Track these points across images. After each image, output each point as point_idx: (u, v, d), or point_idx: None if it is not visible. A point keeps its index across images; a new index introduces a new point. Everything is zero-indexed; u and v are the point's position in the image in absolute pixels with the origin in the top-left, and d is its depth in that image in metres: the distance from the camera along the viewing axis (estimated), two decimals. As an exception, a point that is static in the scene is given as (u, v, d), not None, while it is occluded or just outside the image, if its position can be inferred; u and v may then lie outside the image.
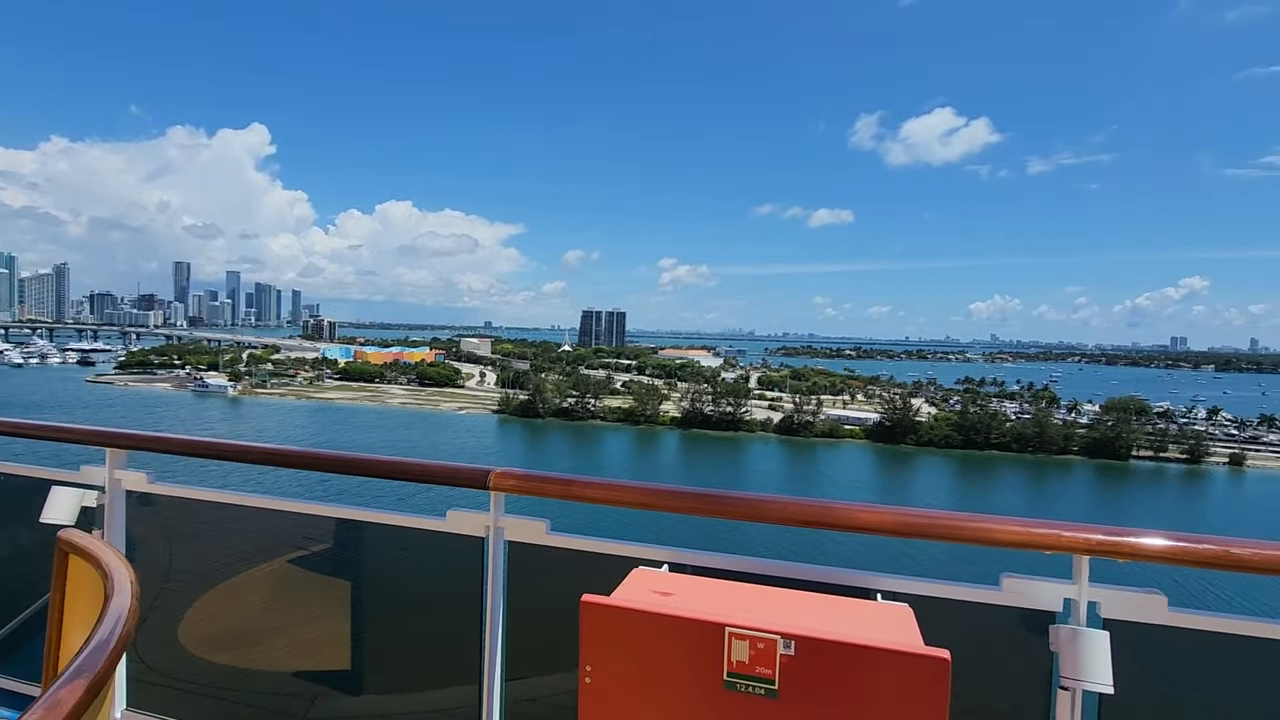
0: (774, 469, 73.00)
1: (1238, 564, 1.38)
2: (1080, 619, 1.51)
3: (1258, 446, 78.12)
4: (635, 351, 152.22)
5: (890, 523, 1.61)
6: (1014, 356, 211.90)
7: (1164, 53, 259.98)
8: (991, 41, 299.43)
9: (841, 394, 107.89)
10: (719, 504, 1.82)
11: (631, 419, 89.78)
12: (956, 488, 66.98)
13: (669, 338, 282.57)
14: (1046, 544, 1.51)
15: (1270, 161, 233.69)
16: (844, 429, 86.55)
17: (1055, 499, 63.56)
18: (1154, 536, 1.46)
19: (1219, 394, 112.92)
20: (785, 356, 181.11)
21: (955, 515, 1.58)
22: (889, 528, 1.61)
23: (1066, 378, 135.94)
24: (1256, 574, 1.39)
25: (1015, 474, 71.61)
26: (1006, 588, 1.58)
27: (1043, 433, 79.29)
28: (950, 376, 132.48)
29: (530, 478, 1.97)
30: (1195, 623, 1.47)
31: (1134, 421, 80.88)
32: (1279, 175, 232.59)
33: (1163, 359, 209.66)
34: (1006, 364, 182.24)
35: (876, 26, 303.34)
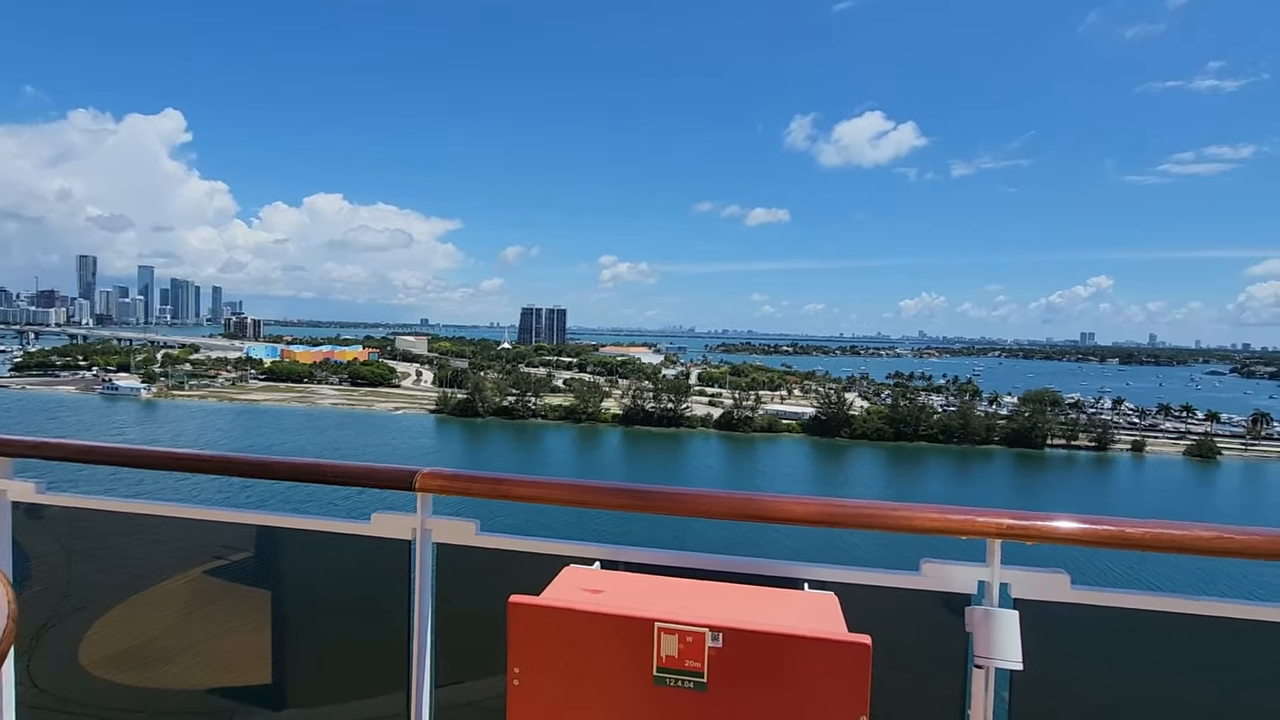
0: (715, 464, 74.11)
1: (1132, 543, 1.51)
2: (993, 600, 1.57)
3: (1155, 434, 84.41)
4: (576, 349, 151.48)
5: (817, 513, 1.65)
6: (940, 352, 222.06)
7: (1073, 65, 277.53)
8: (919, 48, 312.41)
9: (779, 389, 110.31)
10: (650, 499, 1.82)
11: (573, 417, 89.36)
12: (888, 478, 69.67)
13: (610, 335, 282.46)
14: (962, 529, 1.58)
15: (1166, 170, 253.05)
16: (782, 424, 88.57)
17: (978, 487, 66.95)
18: (1058, 519, 1.55)
19: (1123, 385, 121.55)
20: (725, 353, 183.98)
21: (878, 504, 1.64)
22: (816, 518, 1.65)
23: (988, 371, 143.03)
24: (1150, 551, 1.52)
25: (942, 464, 74.95)
26: (926, 572, 1.64)
27: (967, 424, 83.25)
28: (882, 371, 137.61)
29: (458, 477, 1.93)
30: (1095, 599, 1.57)
31: (1048, 412, 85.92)
32: (1174, 182, 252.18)
33: (1074, 353, 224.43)
34: (933, 359, 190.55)
35: (811, 30, 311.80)
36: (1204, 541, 1.47)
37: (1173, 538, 1.50)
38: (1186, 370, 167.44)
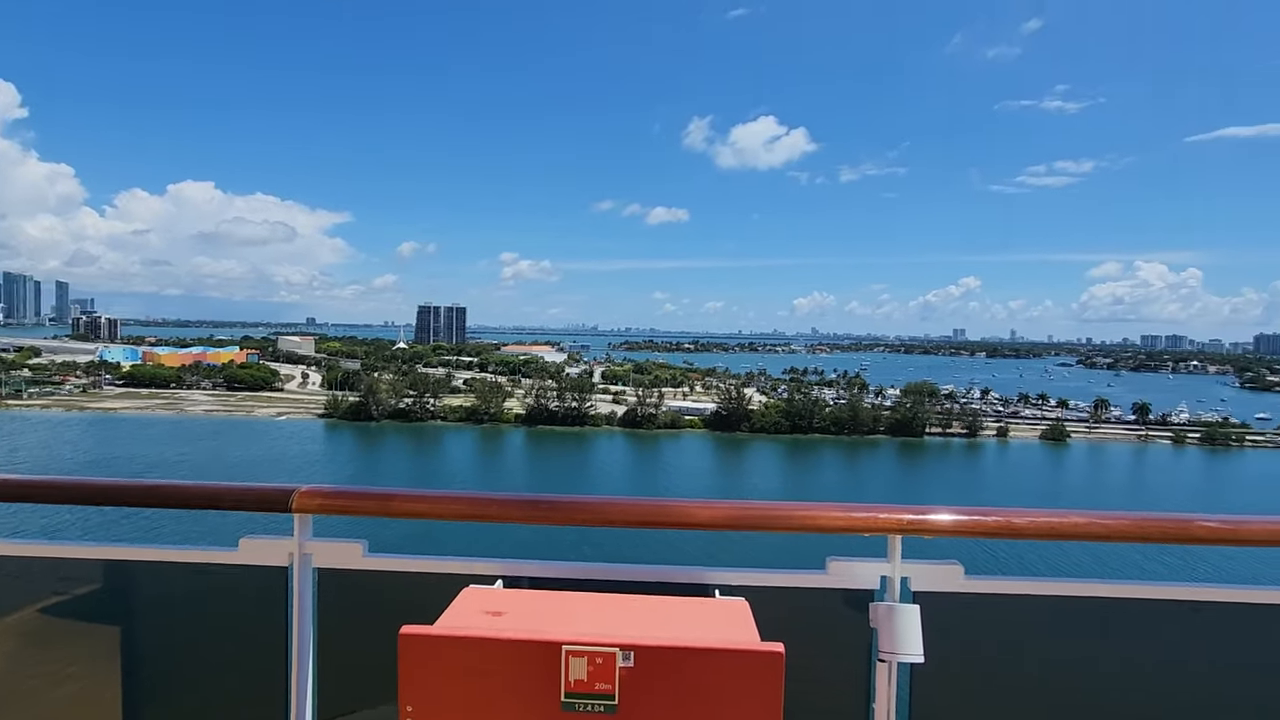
0: (620, 461, 74.36)
1: (1017, 532, 1.59)
2: (894, 594, 1.62)
3: (1017, 420, 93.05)
4: (477, 348, 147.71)
5: (725, 517, 1.65)
6: (831, 348, 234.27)
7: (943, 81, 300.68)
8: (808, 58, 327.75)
9: (682, 386, 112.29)
10: (555, 509, 1.72)
11: (475, 418, 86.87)
12: (786, 470, 72.61)
13: (512, 333, 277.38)
14: (866, 527, 1.61)
15: (1022, 181, 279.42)
16: (685, 420, 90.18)
17: (867, 475, 71.18)
18: (952, 513, 1.61)
19: (989, 377, 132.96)
20: (628, 351, 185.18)
21: (785, 506, 1.65)
22: (724, 522, 1.65)
23: (874, 366, 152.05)
24: (1033, 539, 1.59)
25: (835, 454, 79.00)
26: (832, 570, 1.66)
27: (855, 416, 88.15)
28: (778, 367, 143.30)
29: (341, 495, 1.79)
30: (986, 587, 1.64)
31: (927, 403, 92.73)
32: (1029, 192, 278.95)
33: (947, 348, 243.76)
34: (825, 355, 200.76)
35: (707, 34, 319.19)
36: (1078, 527, 1.58)
37: (1051, 525, 1.59)
38: (1041, 362, 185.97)
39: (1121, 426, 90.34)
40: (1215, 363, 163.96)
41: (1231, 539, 1.59)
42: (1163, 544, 1.59)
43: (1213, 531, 1.57)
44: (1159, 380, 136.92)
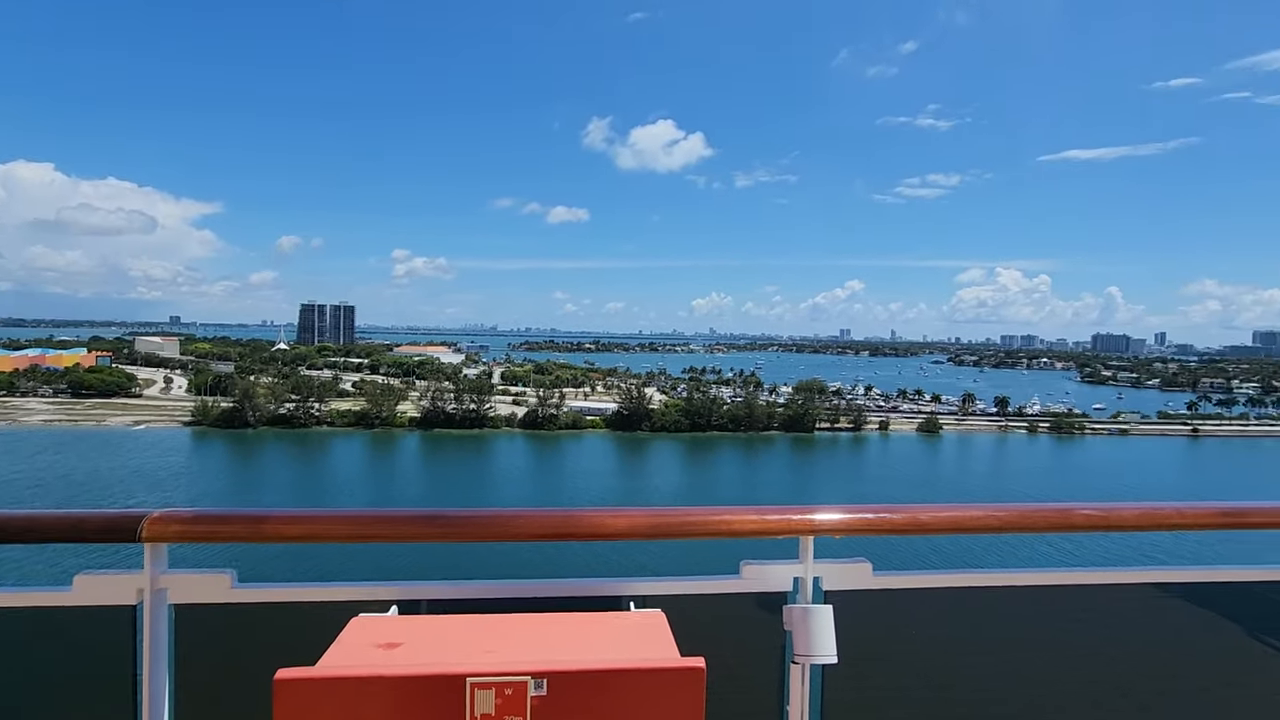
0: (522, 464, 72.88)
1: (924, 528, 1.63)
2: (807, 596, 1.62)
3: (897, 414, 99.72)
4: (367, 349, 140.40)
5: (639, 525, 1.58)
6: (728, 347, 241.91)
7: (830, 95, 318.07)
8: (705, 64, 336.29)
9: (583, 386, 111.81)
10: (456, 526, 1.56)
11: (365, 422, 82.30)
12: (687, 467, 73.89)
13: (406, 333, 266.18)
14: (780, 529, 1.60)
15: (900, 191, 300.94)
16: (586, 420, 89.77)
17: (763, 470, 73.76)
18: (862, 511, 1.63)
19: (872, 374, 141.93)
20: (528, 351, 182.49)
21: (700, 511, 1.60)
22: (640, 530, 1.58)
23: (768, 364, 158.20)
24: (937, 534, 1.65)
25: (733, 451, 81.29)
26: (746, 575, 1.64)
27: (752, 413, 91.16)
28: (678, 366, 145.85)
29: (203, 519, 1.52)
30: (893, 583, 1.66)
31: (817, 399, 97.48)
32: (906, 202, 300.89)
33: (835, 347, 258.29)
34: (722, 354, 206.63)
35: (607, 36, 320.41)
36: (977, 520, 1.64)
37: (954, 519, 1.64)
38: (917, 360, 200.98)
39: (985, 418, 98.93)
40: (1061, 359, 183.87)
41: (1104, 525, 1.68)
42: (1049, 533, 1.70)
43: (1089, 519, 1.67)
44: (1016, 376, 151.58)
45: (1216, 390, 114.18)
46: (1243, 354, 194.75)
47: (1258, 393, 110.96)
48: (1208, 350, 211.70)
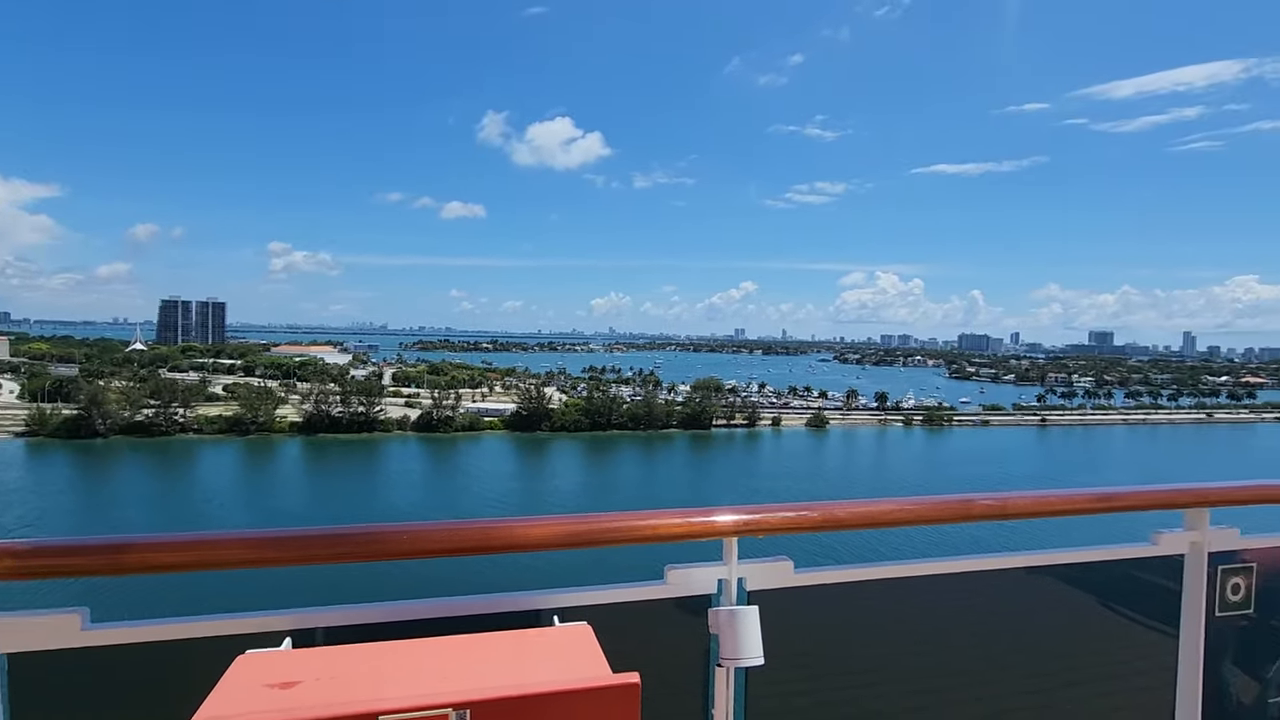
0: (416, 468, 69.92)
1: (841, 524, 1.66)
2: (731, 598, 1.61)
3: (788, 410, 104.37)
4: (241, 349, 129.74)
5: (560, 534, 1.52)
6: (627, 346, 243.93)
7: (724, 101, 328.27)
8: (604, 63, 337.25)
9: (480, 387, 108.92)
10: (355, 545, 1.38)
11: (239, 429, 76.00)
12: (590, 467, 73.76)
13: (286, 332, 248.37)
14: (704, 531, 1.58)
15: (790, 197, 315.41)
16: (484, 421, 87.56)
17: (662, 467, 74.94)
18: (783, 510, 1.63)
19: (765, 372, 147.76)
20: (422, 351, 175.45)
21: (623, 517, 1.55)
22: (560, 539, 1.52)
23: (667, 363, 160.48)
24: (854, 529, 1.68)
25: (633, 449, 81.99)
26: (671, 579, 1.61)
27: (651, 411, 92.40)
28: (577, 366, 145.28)
29: (44, 551, 1.25)
30: (814, 579, 1.68)
31: (713, 397, 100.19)
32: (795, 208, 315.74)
33: (730, 346, 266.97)
34: (621, 353, 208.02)
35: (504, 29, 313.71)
36: (889, 514, 1.69)
37: (868, 514, 1.68)
38: (806, 359, 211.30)
39: (866, 412, 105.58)
40: (932, 357, 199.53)
41: (1000, 514, 1.76)
42: (953, 523, 1.74)
43: (987, 509, 1.76)
44: (893, 373, 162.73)
45: (1060, 384, 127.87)
46: (1081, 352, 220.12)
47: (1093, 386, 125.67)
48: (1053, 348, 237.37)
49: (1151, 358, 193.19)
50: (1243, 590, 2.07)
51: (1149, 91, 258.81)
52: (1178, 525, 2.03)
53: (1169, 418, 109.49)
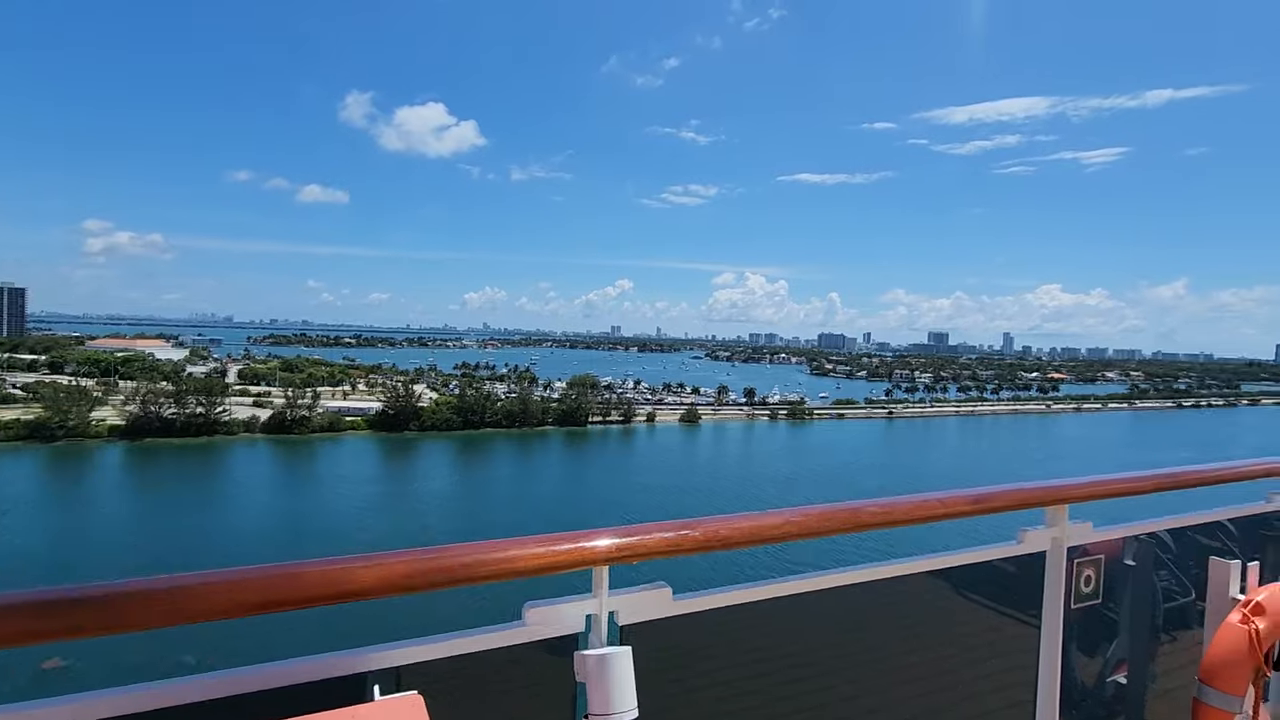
0: (264, 474, 63.86)
1: (726, 542, 1.51)
2: (601, 636, 1.40)
3: (662, 406, 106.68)
4: (46, 342, 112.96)
5: (401, 576, 1.17)
6: (502, 343, 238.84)
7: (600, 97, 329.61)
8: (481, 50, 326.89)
9: (341, 384, 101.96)
10: (96, 613, 0.97)
11: (42, 435, 65.79)
12: (459, 467, 71.06)
13: (106, 324, 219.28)
14: (571, 561, 1.34)
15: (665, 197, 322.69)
16: (345, 421, 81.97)
17: (539, 466, 73.83)
18: (661, 530, 1.45)
19: (640, 369, 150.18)
20: (275, 346, 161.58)
21: (476, 549, 1.27)
22: (398, 583, 1.17)
23: (543, 360, 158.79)
24: (742, 548, 1.53)
25: (507, 448, 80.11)
26: (531, 619, 1.36)
27: (526, 409, 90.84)
28: (449, 362, 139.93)
29: None
30: (694, 605, 1.52)
31: (589, 394, 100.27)
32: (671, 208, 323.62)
33: (606, 343, 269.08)
34: (496, 349, 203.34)
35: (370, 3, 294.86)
36: (777, 528, 1.56)
37: (755, 529, 1.54)
38: (680, 356, 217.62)
39: (736, 407, 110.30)
40: (795, 355, 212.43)
41: (887, 521, 1.71)
42: (843, 533, 1.67)
43: (875, 516, 1.70)
44: (761, 369, 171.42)
45: (905, 380, 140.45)
46: (922, 350, 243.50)
47: (931, 381, 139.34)
48: (899, 347, 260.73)
49: (978, 356, 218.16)
50: (1093, 581, 2.18)
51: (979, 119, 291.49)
52: (1040, 523, 2.07)
53: (991, 409, 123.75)
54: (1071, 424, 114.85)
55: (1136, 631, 2.37)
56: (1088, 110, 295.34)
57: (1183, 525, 2.48)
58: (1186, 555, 2.50)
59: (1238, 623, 2.03)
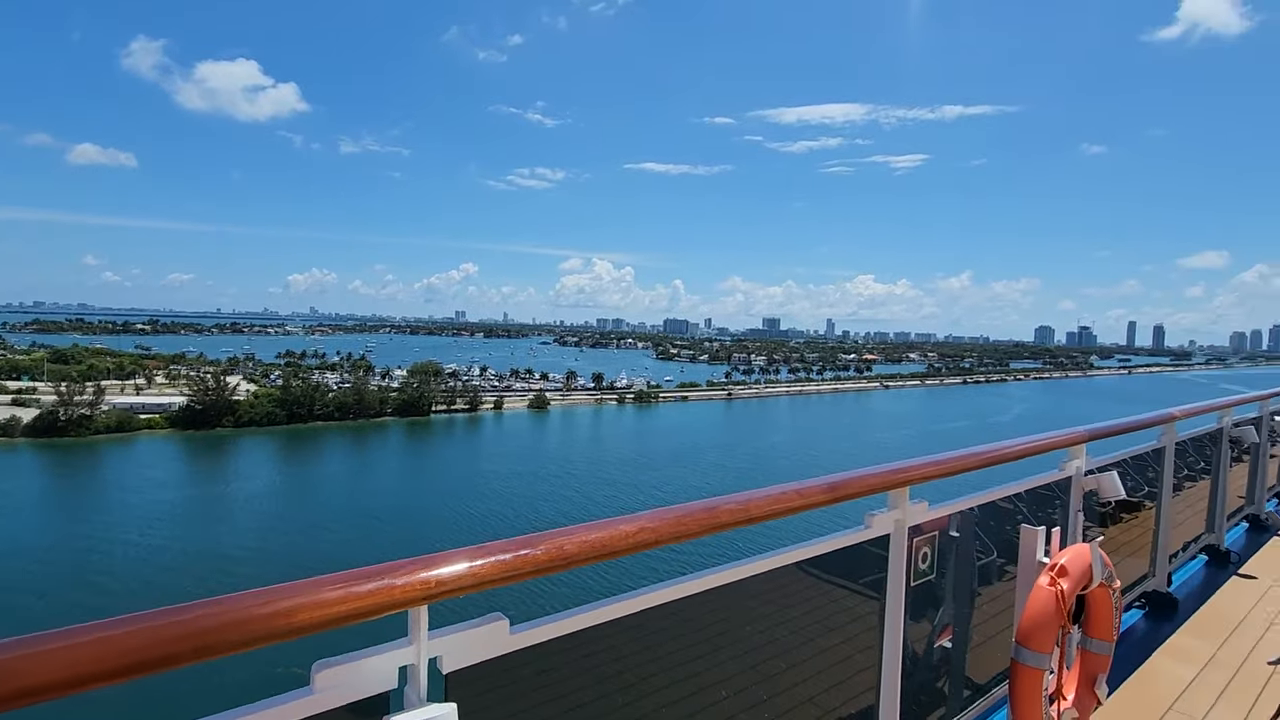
0: (23, 488, 53.50)
1: (571, 559, 1.28)
2: (420, 691, 1.12)
3: (510, 393, 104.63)
4: None
5: (112, 660, 0.81)
6: (334, 329, 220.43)
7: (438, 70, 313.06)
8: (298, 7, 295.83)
9: (134, 377, 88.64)
10: None
11: None
12: (281, 465, 64.48)
13: None
14: (377, 606, 1.03)
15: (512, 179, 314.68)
16: (139, 419, 71.45)
17: (376, 461, 69.10)
18: (497, 553, 1.19)
19: (487, 355, 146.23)
20: (41, 333, 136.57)
21: (238, 604, 0.93)
22: (111, 668, 0.81)
23: (380, 347, 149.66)
24: (589, 564, 1.31)
25: (340, 442, 74.20)
26: (322, 683, 1.03)
27: (362, 400, 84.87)
28: (271, 350, 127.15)
29: None
30: (536, 635, 1.28)
31: (432, 382, 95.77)
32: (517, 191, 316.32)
33: (450, 329, 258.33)
34: (327, 336, 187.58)
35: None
36: (629, 537, 1.37)
37: (603, 542, 1.33)
38: (527, 341, 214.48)
39: (585, 392, 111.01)
40: (642, 339, 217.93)
41: (745, 519, 1.63)
42: (702, 536, 1.56)
43: (733, 515, 1.60)
44: (609, 354, 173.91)
45: (742, 363, 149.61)
46: (757, 335, 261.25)
47: (766, 363, 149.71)
48: (737, 332, 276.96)
49: (806, 340, 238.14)
50: (929, 557, 2.27)
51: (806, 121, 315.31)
52: (884, 506, 2.11)
53: (817, 388, 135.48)
54: (881, 399, 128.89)
55: (962, 599, 2.48)
56: (896, 119, 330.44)
57: (999, 497, 2.63)
58: (1002, 525, 2.66)
59: (1046, 585, 2.15)
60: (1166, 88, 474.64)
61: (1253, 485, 5.97)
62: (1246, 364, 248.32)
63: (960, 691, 2.53)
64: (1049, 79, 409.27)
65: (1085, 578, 2.24)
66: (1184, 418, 4.18)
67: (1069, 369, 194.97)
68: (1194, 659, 3.52)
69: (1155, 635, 3.77)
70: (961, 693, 2.54)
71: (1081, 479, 3.12)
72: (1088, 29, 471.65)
